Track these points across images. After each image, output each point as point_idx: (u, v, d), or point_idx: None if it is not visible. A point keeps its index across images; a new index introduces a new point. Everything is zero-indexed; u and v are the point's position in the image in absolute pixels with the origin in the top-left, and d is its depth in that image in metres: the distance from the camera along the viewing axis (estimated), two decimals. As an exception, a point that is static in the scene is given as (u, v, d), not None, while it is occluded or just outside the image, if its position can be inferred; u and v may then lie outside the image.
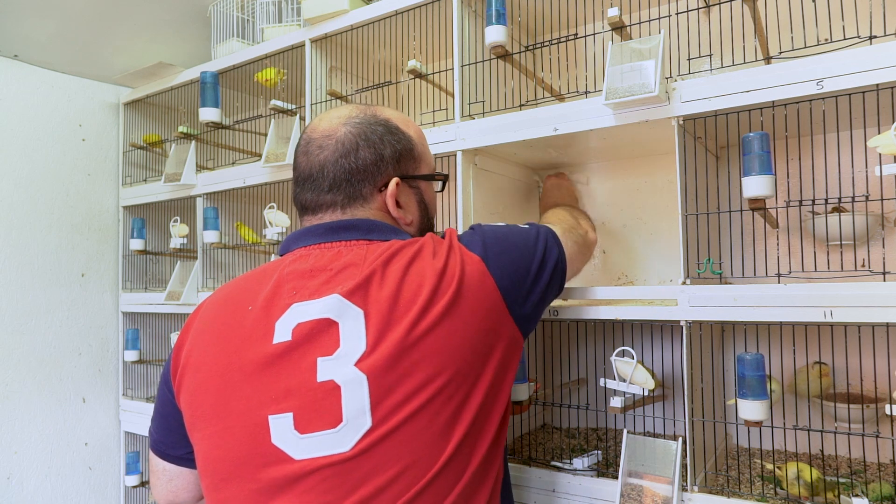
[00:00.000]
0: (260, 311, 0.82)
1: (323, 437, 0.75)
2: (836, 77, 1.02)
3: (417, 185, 0.98)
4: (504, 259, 0.89)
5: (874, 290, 0.96)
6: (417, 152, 0.97)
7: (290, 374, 0.77)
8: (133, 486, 2.12)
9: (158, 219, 2.29)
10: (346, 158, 0.90)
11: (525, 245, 0.95)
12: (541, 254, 0.95)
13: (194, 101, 2.02)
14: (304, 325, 0.79)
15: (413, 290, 0.80)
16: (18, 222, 2.01)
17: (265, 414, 0.77)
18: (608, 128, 1.24)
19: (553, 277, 0.96)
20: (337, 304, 0.79)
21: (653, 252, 1.61)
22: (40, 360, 2.05)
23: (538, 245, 0.96)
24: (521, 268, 0.91)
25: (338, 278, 0.82)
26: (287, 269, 0.86)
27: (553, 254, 0.97)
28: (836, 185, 1.33)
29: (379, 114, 0.96)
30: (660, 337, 1.51)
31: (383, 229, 0.90)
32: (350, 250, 0.86)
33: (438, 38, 1.57)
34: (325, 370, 0.76)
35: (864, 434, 1.18)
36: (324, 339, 0.78)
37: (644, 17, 1.48)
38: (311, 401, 0.76)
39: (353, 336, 0.77)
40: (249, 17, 2.02)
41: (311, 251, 0.87)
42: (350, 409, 0.75)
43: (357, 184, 0.91)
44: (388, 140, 0.93)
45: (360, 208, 0.91)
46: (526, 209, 1.76)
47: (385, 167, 0.92)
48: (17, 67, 2.03)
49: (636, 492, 1.12)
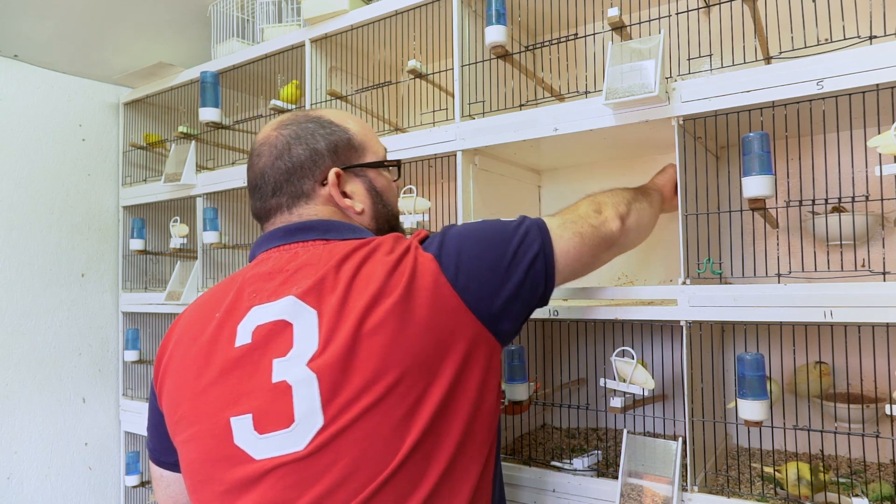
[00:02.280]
0: (224, 316, 0.85)
1: (279, 436, 0.76)
2: (836, 77, 1.02)
3: (364, 173, 0.97)
4: (464, 257, 0.85)
5: (874, 290, 0.96)
6: (358, 142, 0.96)
7: (250, 376, 0.79)
8: (133, 486, 2.12)
9: (158, 219, 2.29)
10: (281, 159, 0.92)
11: (494, 240, 0.89)
12: (513, 249, 0.89)
13: (194, 101, 2.02)
14: (262, 326, 0.81)
15: (361, 289, 0.80)
16: (18, 222, 2.01)
17: (228, 416, 0.79)
18: (608, 128, 1.24)
19: (529, 273, 0.89)
20: (291, 305, 0.80)
21: (653, 252, 1.61)
22: (40, 360, 2.05)
23: (513, 239, 0.90)
24: (486, 265, 0.86)
25: (293, 279, 0.83)
26: (249, 274, 0.88)
27: (532, 249, 0.90)
28: (836, 185, 1.33)
29: (313, 113, 0.97)
30: (660, 337, 1.51)
31: (340, 228, 0.91)
32: (307, 251, 0.87)
33: (438, 38, 1.57)
34: (279, 371, 0.78)
35: (864, 434, 1.18)
36: (279, 341, 0.79)
37: (644, 17, 1.48)
38: (267, 401, 0.77)
39: (306, 336, 0.78)
40: (249, 17, 2.02)
41: (271, 254, 0.89)
42: (301, 409, 0.76)
43: (297, 181, 0.91)
44: (320, 134, 0.93)
45: (304, 205, 0.92)
46: (526, 209, 1.76)
47: (321, 160, 0.92)
48: (17, 67, 2.03)
49: (636, 492, 1.12)
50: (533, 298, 0.91)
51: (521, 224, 0.93)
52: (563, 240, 0.94)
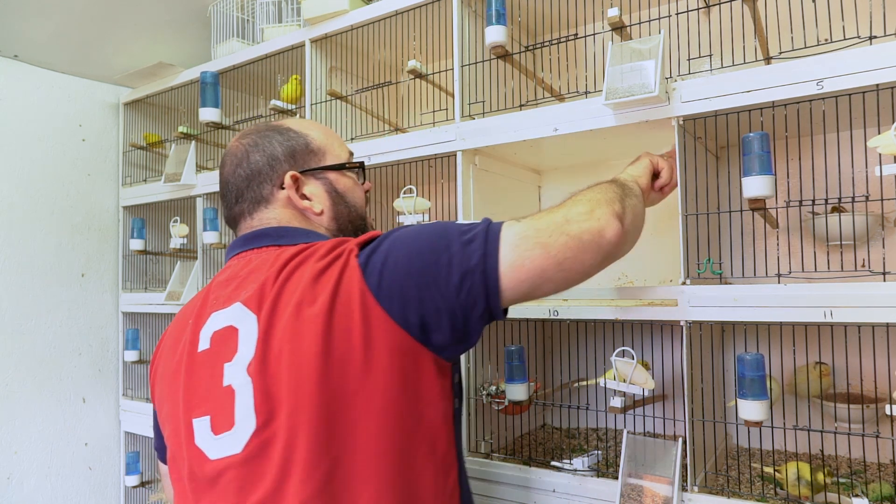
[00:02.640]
0: (193, 322, 0.89)
1: (227, 438, 0.79)
2: (836, 77, 1.02)
3: (325, 175, 0.99)
4: (389, 264, 0.80)
5: (874, 290, 0.96)
6: (316, 146, 0.99)
7: (208, 379, 0.83)
8: (133, 486, 2.12)
9: (158, 219, 2.28)
10: (241, 167, 0.96)
11: (427, 247, 0.81)
12: (446, 259, 0.80)
13: (194, 101, 2.02)
14: (217, 332, 0.84)
15: (289, 295, 0.81)
16: (18, 222, 2.01)
17: (191, 417, 0.83)
18: (608, 128, 1.24)
19: (462, 288, 0.79)
20: (238, 311, 0.83)
21: (653, 252, 1.61)
22: (40, 360, 2.05)
23: (451, 247, 0.81)
24: (412, 274, 0.79)
25: (244, 285, 0.86)
26: (215, 281, 0.93)
27: (469, 262, 0.80)
28: (836, 185, 1.33)
29: (275, 123, 1.01)
30: (660, 337, 1.51)
31: (294, 234, 0.93)
32: (259, 257, 0.90)
33: (438, 38, 1.57)
34: (228, 374, 0.81)
35: (864, 434, 1.18)
36: (229, 345, 0.82)
37: (644, 17, 1.48)
38: (219, 404, 0.80)
39: (248, 341, 0.80)
40: (249, 17, 2.02)
41: (233, 262, 0.93)
42: (240, 412, 0.79)
43: (256, 187, 0.95)
44: (277, 140, 0.97)
45: (264, 210, 0.95)
46: (526, 209, 1.76)
47: (279, 165, 0.95)
48: (17, 67, 2.03)
49: (636, 492, 1.12)
50: (471, 315, 0.81)
51: (470, 230, 0.83)
52: (517, 251, 0.80)
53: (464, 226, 0.85)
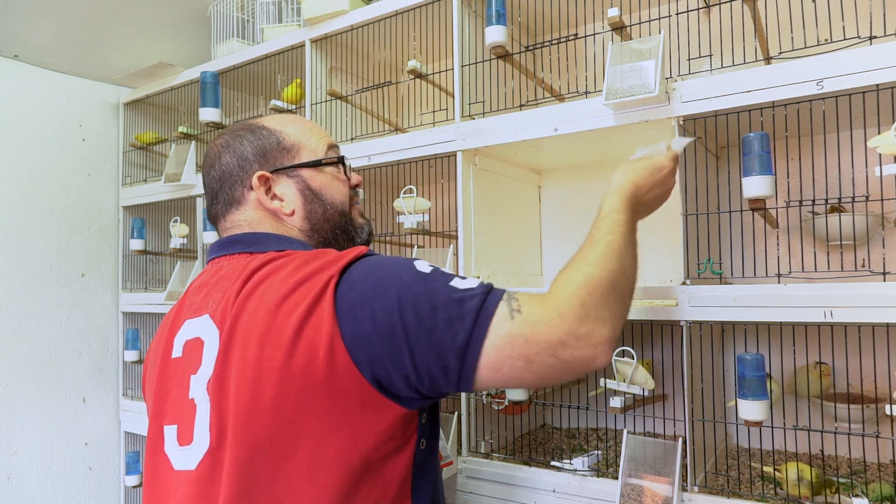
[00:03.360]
0: (170, 326, 0.89)
1: (186, 451, 0.79)
2: (836, 77, 1.02)
3: (298, 173, 0.95)
4: (367, 313, 0.73)
5: (874, 290, 0.96)
6: (289, 144, 0.95)
7: (177, 388, 0.83)
8: (133, 486, 2.12)
9: (158, 219, 2.29)
10: (214, 168, 0.95)
11: (415, 305, 0.73)
12: (430, 325, 0.72)
13: (194, 101, 2.02)
14: (188, 342, 0.84)
15: (250, 311, 0.76)
16: (18, 222, 2.01)
17: (162, 423, 0.84)
18: (608, 128, 1.24)
19: (440, 359, 0.73)
20: (205, 323, 0.82)
21: (653, 252, 1.61)
22: (40, 360, 2.05)
23: (436, 314, 0.73)
24: (398, 332, 0.73)
25: (212, 293, 0.85)
26: (192, 285, 0.92)
27: (454, 339, 0.72)
28: (836, 185, 1.33)
29: (251, 122, 0.98)
30: (660, 337, 1.51)
31: (265, 241, 0.90)
32: (230, 264, 0.88)
33: (438, 38, 1.57)
34: (192, 388, 0.80)
35: (864, 434, 1.18)
36: (195, 357, 0.81)
37: (644, 17, 1.48)
38: (184, 416, 0.80)
39: (209, 356, 0.79)
40: (249, 17, 2.02)
41: (208, 267, 0.93)
42: (198, 428, 0.78)
43: (228, 189, 0.94)
44: (248, 140, 0.95)
45: (236, 211, 0.94)
46: (526, 209, 1.76)
47: (248, 166, 0.93)
48: (17, 67, 2.03)
49: (636, 492, 1.12)
50: (438, 386, 0.75)
51: (460, 303, 0.74)
52: (499, 354, 0.72)
53: (455, 292, 0.74)
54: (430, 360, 0.72)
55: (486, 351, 0.72)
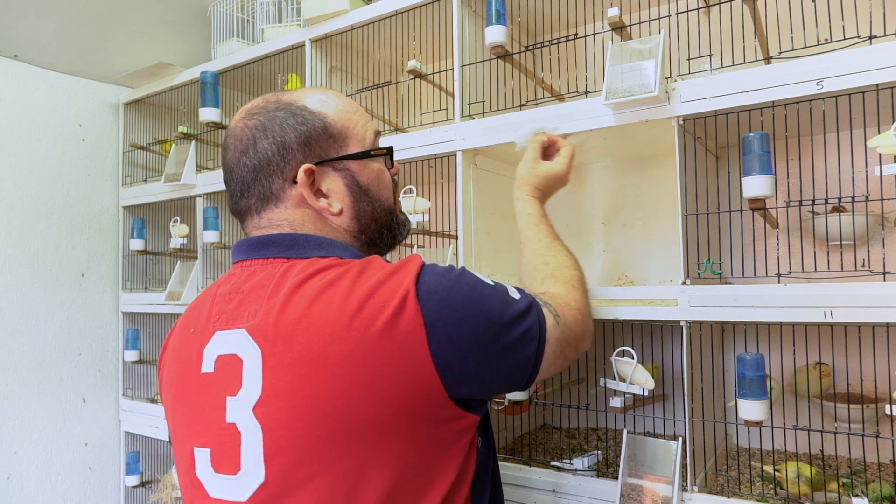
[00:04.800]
0: (197, 334, 0.80)
1: (228, 480, 0.72)
2: (836, 77, 1.02)
3: (346, 165, 0.84)
4: (450, 332, 0.72)
5: (874, 290, 0.96)
6: (336, 130, 0.83)
7: (210, 408, 0.75)
8: (133, 486, 2.12)
9: (158, 219, 2.29)
10: (246, 155, 0.81)
11: (488, 324, 0.75)
12: (505, 342, 0.77)
13: (194, 101, 2.02)
14: (222, 357, 0.75)
15: (314, 330, 0.69)
16: (18, 222, 2.01)
17: (192, 445, 0.77)
18: (608, 128, 1.24)
19: (517, 370, 0.80)
20: (242, 339, 0.74)
21: (653, 252, 1.61)
22: (40, 360, 2.05)
23: (507, 333, 0.77)
24: (478, 350, 0.74)
25: (245, 302, 0.76)
26: (219, 290, 0.82)
27: (526, 350, 0.79)
28: (836, 185, 1.33)
29: (286, 98, 0.84)
30: (660, 337, 1.51)
31: (305, 244, 0.80)
32: (264, 269, 0.79)
33: (438, 38, 1.57)
34: (231, 411, 0.73)
35: (864, 434, 1.18)
36: (233, 377, 0.73)
37: (644, 17, 1.48)
38: (221, 441, 0.73)
39: (252, 377, 0.71)
40: (249, 17, 2.02)
41: (236, 270, 0.83)
42: (247, 459, 0.71)
43: (264, 181, 0.81)
44: (289, 124, 0.81)
45: (274, 209, 0.82)
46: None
47: (291, 155, 0.80)
48: (17, 67, 2.03)
49: (636, 492, 1.12)
50: (505, 387, 0.82)
51: (521, 317, 0.79)
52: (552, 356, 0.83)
53: (516, 303, 0.79)
54: (513, 371, 0.79)
55: (546, 356, 0.82)
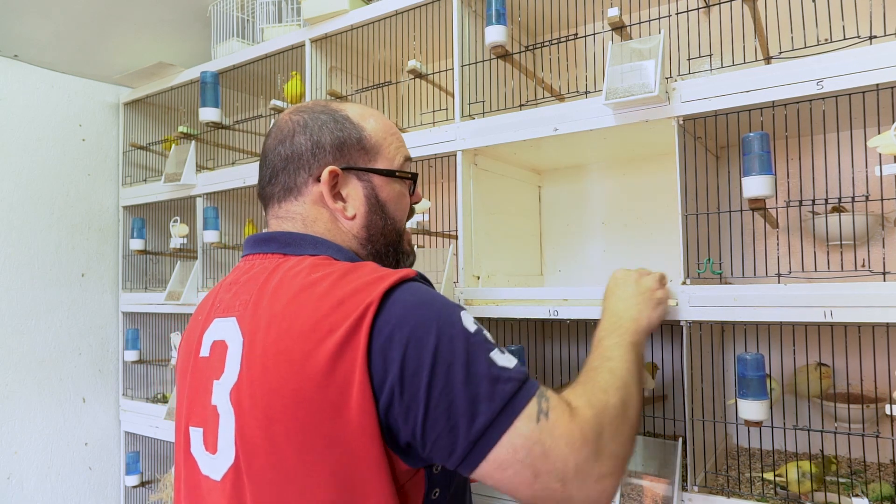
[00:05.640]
0: (202, 321, 0.85)
1: (211, 459, 0.76)
2: (836, 77, 1.02)
3: (370, 178, 0.88)
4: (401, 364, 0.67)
5: (874, 290, 0.96)
6: (371, 144, 0.88)
7: (203, 391, 0.79)
8: (133, 486, 2.12)
9: (158, 219, 2.29)
10: (283, 144, 0.87)
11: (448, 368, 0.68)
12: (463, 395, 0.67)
13: (194, 101, 2.02)
14: (215, 343, 0.80)
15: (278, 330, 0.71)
16: (18, 222, 2.01)
17: (189, 424, 0.81)
18: (608, 128, 1.24)
19: (451, 433, 0.67)
20: (231, 327, 0.78)
21: (653, 252, 1.61)
22: (40, 360, 2.05)
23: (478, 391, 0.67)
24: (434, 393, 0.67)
25: (239, 294, 0.80)
26: (225, 281, 0.87)
27: (475, 420, 0.67)
28: (836, 185, 1.33)
29: (333, 106, 0.90)
30: (660, 337, 1.51)
31: (302, 242, 0.84)
32: (262, 263, 0.83)
33: (438, 38, 1.57)
34: (215, 394, 0.77)
35: (864, 434, 1.18)
36: (219, 361, 0.77)
37: (644, 17, 1.48)
38: (208, 421, 0.77)
39: (233, 363, 0.75)
40: (249, 17, 2.02)
41: (242, 264, 0.88)
42: (223, 440, 0.75)
43: (292, 172, 0.86)
44: (329, 128, 0.86)
45: (293, 201, 0.87)
46: (526, 209, 1.76)
47: (322, 155, 0.85)
48: (17, 67, 2.03)
49: (636, 492, 1.12)
50: (434, 457, 0.69)
51: (497, 382, 0.69)
52: (516, 453, 0.66)
53: (494, 367, 0.69)
54: (441, 430, 0.67)
55: (500, 445, 0.66)
